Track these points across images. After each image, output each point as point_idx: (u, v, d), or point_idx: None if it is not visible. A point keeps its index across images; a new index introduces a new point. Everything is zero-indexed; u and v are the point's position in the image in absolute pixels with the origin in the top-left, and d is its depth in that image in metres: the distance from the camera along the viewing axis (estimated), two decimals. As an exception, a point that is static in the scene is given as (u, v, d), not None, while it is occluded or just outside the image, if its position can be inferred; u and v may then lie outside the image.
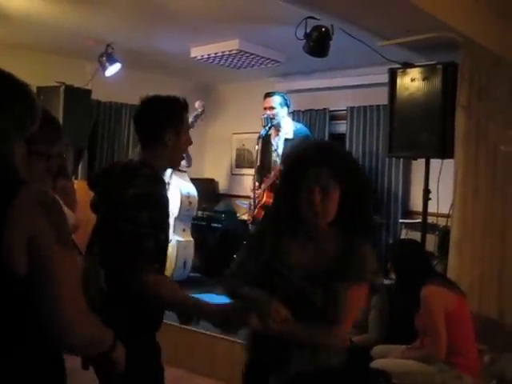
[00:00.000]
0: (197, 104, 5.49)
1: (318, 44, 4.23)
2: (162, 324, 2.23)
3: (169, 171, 5.55)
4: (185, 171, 5.71)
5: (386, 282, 4.28)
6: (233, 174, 7.66)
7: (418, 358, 2.96)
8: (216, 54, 5.54)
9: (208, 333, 4.05)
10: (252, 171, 4.72)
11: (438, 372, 2.89)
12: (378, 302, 3.51)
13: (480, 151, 3.76)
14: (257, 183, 4.66)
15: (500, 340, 3.52)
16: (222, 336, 3.03)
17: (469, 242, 3.76)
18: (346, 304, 1.86)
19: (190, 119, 5.44)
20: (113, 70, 5.76)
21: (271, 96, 4.71)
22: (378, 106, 6.13)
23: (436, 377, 2.89)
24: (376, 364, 3.05)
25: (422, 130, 3.84)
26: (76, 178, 6.53)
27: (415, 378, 2.94)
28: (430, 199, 4.00)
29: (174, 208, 5.45)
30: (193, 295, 2.11)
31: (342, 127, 6.73)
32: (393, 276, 3.30)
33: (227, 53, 5.46)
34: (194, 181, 5.96)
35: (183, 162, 5.59)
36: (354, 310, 1.97)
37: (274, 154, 4.75)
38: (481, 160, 3.77)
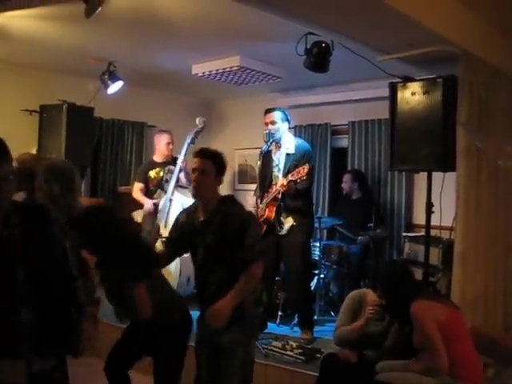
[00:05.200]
0: (197, 120, 5.50)
1: (318, 59, 4.25)
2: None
3: (171, 187, 5.56)
4: (186, 187, 5.72)
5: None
6: (235, 190, 7.67)
7: (421, 372, 2.93)
8: (217, 70, 5.57)
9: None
10: (255, 187, 4.73)
11: None
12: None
13: (481, 165, 3.76)
14: (258, 199, 4.65)
15: (505, 354, 3.48)
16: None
17: (472, 254, 3.74)
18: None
19: (191, 135, 5.45)
20: (115, 87, 5.80)
21: (272, 111, 4.72)
22: (380, 120, 6.16)
23: None
24: (380, 377, 3.03)
25: (423, 144, 3.84)
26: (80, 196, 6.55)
27: None
28: (433, 212, 3.99)
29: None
30: None
31: (343, 141, 6.75)
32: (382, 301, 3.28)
33: (228, 69, 5.50)
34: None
35: (184, 180, 5.61)
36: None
37: (275, 170, 4.74)
38: (483, 173, 3.77)
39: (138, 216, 5.90)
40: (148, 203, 5.66)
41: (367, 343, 3.36)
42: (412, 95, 3.93)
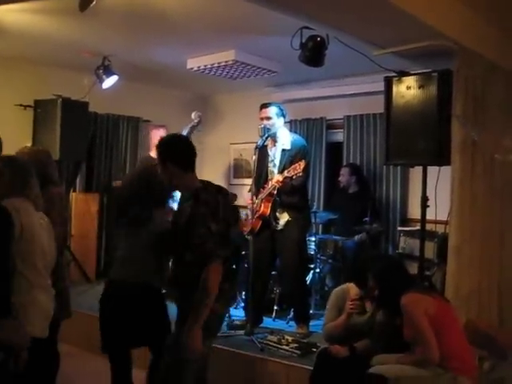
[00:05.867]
0: (193, 115, 5.48)
1: (313, 53, 4.24)
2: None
3: None
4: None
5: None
6: (231, 185, 7.66)
7: (413, 363, 2.95)
8: (212, 65, 5.56)
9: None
10: (250, 181, 4.71)
11: (434, 376, 2.88)
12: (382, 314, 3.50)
13: (476, 159, 3.76)
14: (253, 195, 4.63)
15: (499, 348, 3.49)
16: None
17: (467, 248, 3.75)
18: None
19: (187, 130, 5.42)
20: (110, 82, 5.78)
21: (268, 106, 4.71)
22: (375, 114, 6.16)
23: (431, 380, 2.88)
24: (373, 370, 3.05)
25: (418, 138, 3.84)
26: (74, 191, 6.54)
27: (411, 382, 2.93)
28: (428, 206, 4.00)
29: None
30: None
31: (339, 136, 6.76)
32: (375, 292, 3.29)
33: (223, 63, 5.49)
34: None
35: None
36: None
37: (270, 165, 4.74)
38: (478, 167, 3.77)
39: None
40: None
41: (355, 335, 3.38)
42: (407, 89, 3.92)
